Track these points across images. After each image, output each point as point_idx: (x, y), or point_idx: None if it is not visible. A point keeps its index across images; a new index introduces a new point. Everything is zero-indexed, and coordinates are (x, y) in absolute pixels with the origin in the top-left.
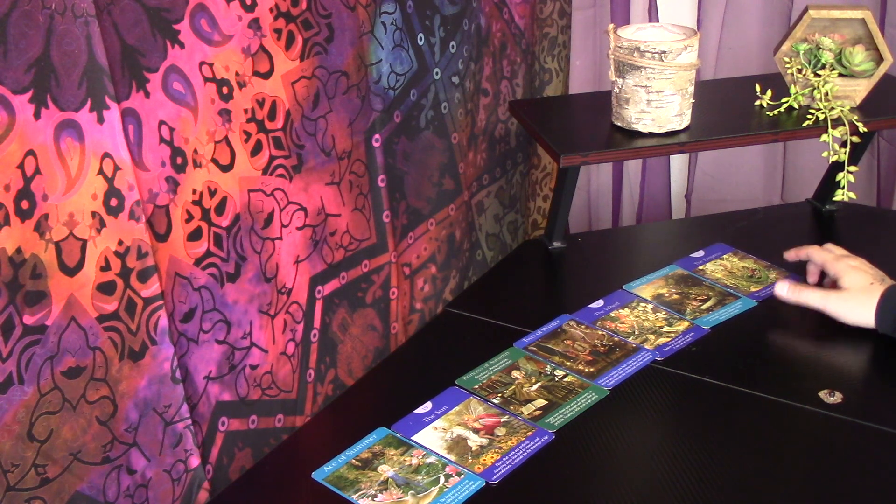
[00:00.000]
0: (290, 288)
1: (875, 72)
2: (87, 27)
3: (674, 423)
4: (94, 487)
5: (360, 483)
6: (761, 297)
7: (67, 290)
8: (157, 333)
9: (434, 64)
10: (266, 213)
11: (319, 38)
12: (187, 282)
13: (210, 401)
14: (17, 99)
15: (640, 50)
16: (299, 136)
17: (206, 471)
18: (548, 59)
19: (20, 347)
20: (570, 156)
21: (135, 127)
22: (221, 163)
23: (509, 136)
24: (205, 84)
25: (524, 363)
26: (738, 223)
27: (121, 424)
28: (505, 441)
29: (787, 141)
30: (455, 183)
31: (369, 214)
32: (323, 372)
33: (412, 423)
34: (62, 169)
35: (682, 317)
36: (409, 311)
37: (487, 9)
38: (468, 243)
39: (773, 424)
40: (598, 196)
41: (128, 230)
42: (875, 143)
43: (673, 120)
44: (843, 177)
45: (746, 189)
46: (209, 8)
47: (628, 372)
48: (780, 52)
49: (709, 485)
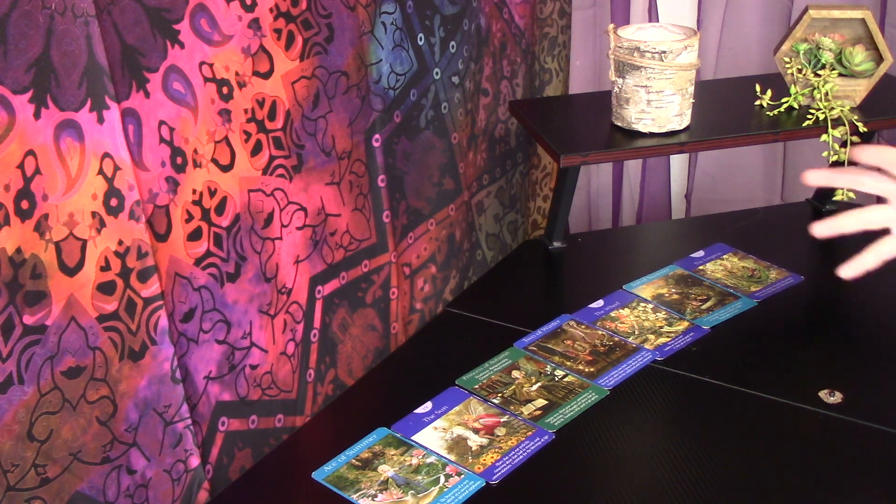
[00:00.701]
0: (290, 288)
1: (875, 72)
2: (87, 27)
3: (674, 423)
4: (94, 487)
5: (360, 483)
6: (761, 297)
7: (67, 290)
8: (157, 333)
9: (434, 64)
10: (266, 213)
11: (319, 38)
12: (187, 282)
13: (210, 401)
14: (17, 99)
15: (640, 50)
16: (299, 136)
17: (206, 471)
18: (548, 59)
19: (20, 347)
20: (570, 156)
21: (135, 127)
22: (221, 163)
23: (509, 136)
24: (205, 84)
25: (524, 363)
26: (738, 223)
27: (121, 424)
28: (505, 441)
29: (787, 141)
30: (455, 183)
31: (369, 214)
32: (323, 372)
33: (412, 423)
34: (62, 169)
35: (682, 317)
36: (409, 311)
37: (487, 9)
38: (468, 243)
39: (773, 424)
40: (598, 196)
41: (128, 230)
42: (875, 143)
43: (673, 120)
44: None
45: (746, 189)
46: (209, 8)
47: (628, 372)
48: (780, 52)
49: (709, 484)
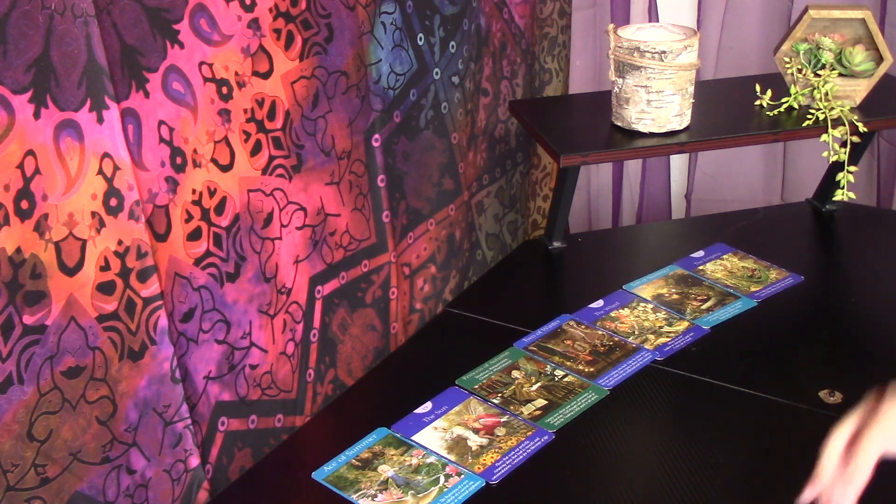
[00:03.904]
0: (290, 288)
1: (875, 72)
2: (87, 27)
3: (673, 423)
4: (94, 487)
5: (360, 483)
6: (761, 297)
7: (67, 289)
8: (157, 333)
9: (434, 64)
10: (266, 213)
11: (319, 38)
12: (187, 282)
13: (210, 401)
14: (16, 99)
15: (640, 50)
16: (299, 136)
17: (205, 471)
18: (548, 59)
19: (20, 347)
20: (570, 156)
21: (134, 127)
22: (221, 163)
23: (509, 136)
24: (204, 84)
25: (524, 363)
26: (738, 223)
27: (120, 424)
28: (505, 441)
29: (787, 141)
30: (455, 183)
31: (369, 214)
32: (323, 372)
33: (412, 423)
34: (62, 169)
35: (682, 317)
36: (409, 311)
37: (487, 9)
38: (468, 243)
39: (773, 424)
40: (598, 196)
41: (127, 230)
42: (875, 143)
43: (673, 120)
44: (843, 177)
45: (746, 189)
46: (209, 8)
47: (628, 372)
48: (780, 52)
49: (709, 484)
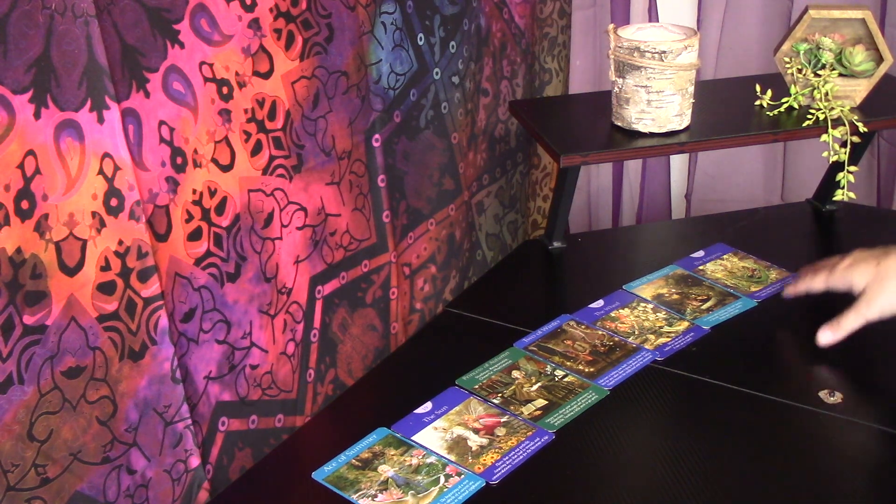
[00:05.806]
0: (290, 288)
1: (875, 72)
2: (87, 27)
3: (674, 424)
4: (94, 487)
5: (360, 483)
6: (761, 297)
7: (67, 289)
8: (157, 333)
9: (434, 64)
10: (266, 213)
11: (319, 38)
12: (187, 282)
13: (210, 401)
14: (17, 99)
15: (640, 50)
16: (299, 136)
17: (206, 471)
18: (548, 59)
19: (20, 347)
20: (570, 156)
21: (135, 127)
22: (221, 163)
23: (509, 136)
24: (205, 84)
25: (524, 363)
26: (738, 223)
27: (121, 424)
28: (505, 441)
29: (787, 141)
30: (455, 183)
31: (369, 214)
32: (323, 372)
33: (412, 423)
34: (62, 169)
35: (682, 317)
36: (409, 311)
37: (487, 9)
38: (468, 243)
39: (773, 424)
40: (598, 196)
41: (128, 230)
42: (875, 143)
43: (673, 120)
44: (843, 177)
45: (746, 189)
46: (209, 8)
47: (628, 372)
48: (780, 52)
49: (709, 485)
